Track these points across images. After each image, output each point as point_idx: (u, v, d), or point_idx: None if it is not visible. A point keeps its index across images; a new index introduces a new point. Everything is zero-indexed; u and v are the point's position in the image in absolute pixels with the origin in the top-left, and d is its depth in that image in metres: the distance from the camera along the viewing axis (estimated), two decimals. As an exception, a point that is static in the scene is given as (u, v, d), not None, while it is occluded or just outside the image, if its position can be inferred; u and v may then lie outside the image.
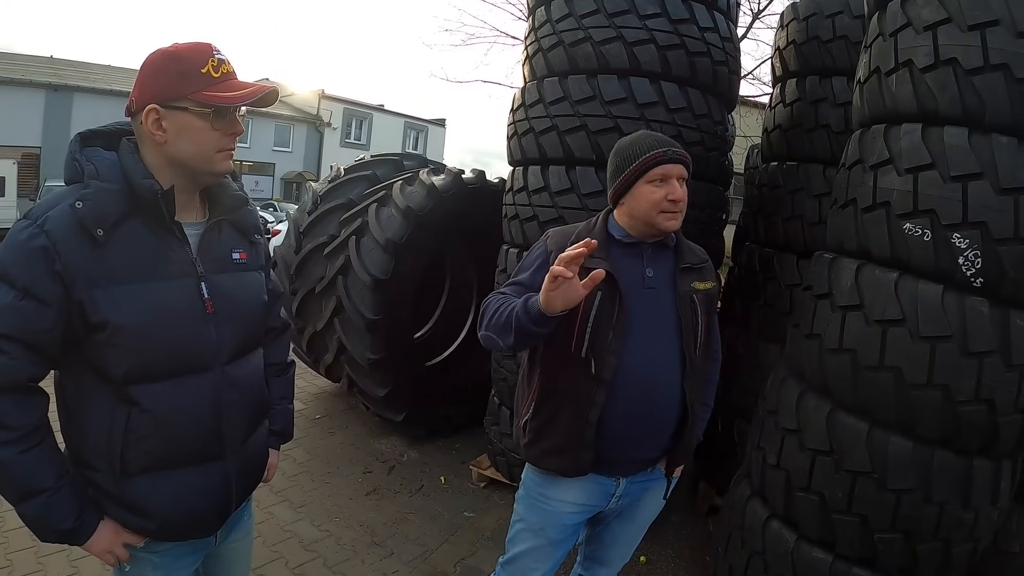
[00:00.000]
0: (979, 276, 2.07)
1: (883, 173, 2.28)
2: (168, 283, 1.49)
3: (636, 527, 2.32)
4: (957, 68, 2.09)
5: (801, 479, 2.48)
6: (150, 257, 1.47)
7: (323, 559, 3.38)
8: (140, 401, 1.46)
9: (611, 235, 2.07)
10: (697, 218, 3.48)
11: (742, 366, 3.91)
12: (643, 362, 1.97)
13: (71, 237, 1.37)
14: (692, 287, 2.06)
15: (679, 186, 1.98)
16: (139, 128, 1.48)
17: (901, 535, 2.27)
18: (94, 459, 1.50)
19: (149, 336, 1.45)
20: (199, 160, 1.51)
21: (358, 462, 4.63)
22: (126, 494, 1.51)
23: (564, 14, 3.48)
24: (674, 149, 2.00)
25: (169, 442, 1.52)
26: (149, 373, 1.47)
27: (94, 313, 1.38)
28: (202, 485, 1.61)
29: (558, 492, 2.14)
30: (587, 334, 1.93)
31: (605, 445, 2.01)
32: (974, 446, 2.19)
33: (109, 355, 1.43)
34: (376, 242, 4.43)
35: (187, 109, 1.45)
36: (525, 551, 2.23)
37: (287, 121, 30.67)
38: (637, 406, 1.99)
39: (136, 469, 1.50)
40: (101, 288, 1.39)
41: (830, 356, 2.40)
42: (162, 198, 1.45)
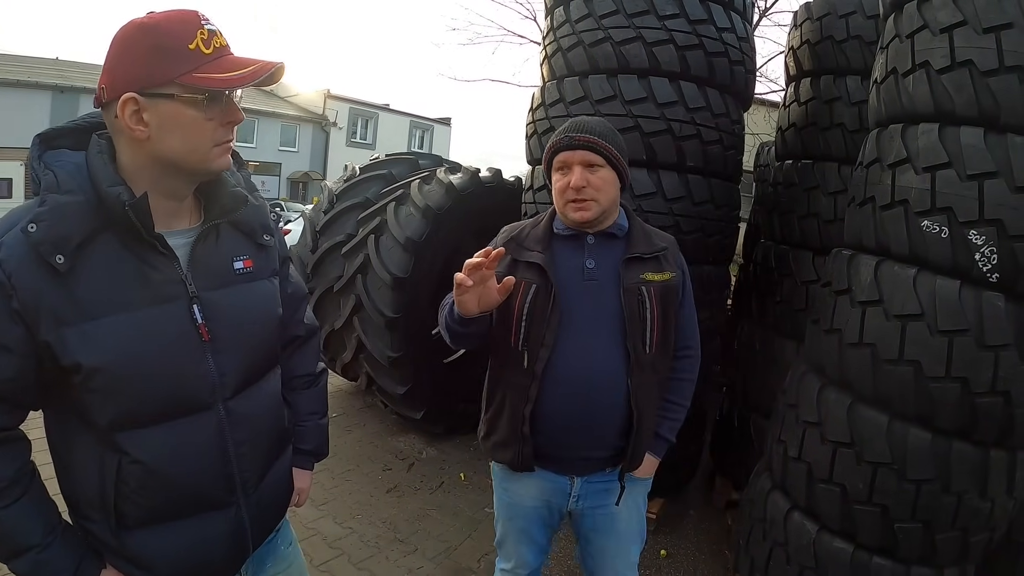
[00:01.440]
0: (995, 272, 2.11)
1: (901, 172, 2.33)
2: (151, 311, 1.24)
3: (621, 540, 2.20)
4: (973, 70, 2.13)
5: (822, 471, 2.51)
6: (126, 282, 1.22)
7: (348, 556, 3.42)
8: (129, 451, 1.25)
9: (554, 229, 2.03)
10: (716, 216, 3.56)
11: (758, 362, 3.96)
12: (578, 357, 1.91)
13: (26, 268, 1.13)
14: (641, 278, 1.94)
15: (579, 173, 1.88)
16: (113, 122, 1.21)
17: (920, 525, 2.31)
18: (88, 509, 1.31)
19: (132, 378, 1.22)
20: (192, 158, 1.24)
21: (377, 460, 4.69)
22: (125, 547, 1.31)
23: (584, 14, 3.52)
24: (573, 135, 1.90)
25: (168, 493, 1.32)
26: (136, 419, 1.25)
27: (64, 356, 1.16)
28: (210, 534, 1.41)
29: (517, 486, 2.15)
30: (522, 328, 1.93)
31: (542, 441, 1.98)
32: (991, 437, 2.23)
33: (89, 401, 1.21)
34: (396, 240, 4.48)
35: (174, 96, 1.18)
36: (505, 535, 2.27)
37: (293, 121, 30.75)
38: (571, 402, 1.92)
39: (133, 522, 1.30)
40: (69, 326, 1.16)
41: (850, 350, 2.44)
42: (131, 209, 1.18)
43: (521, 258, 1.96)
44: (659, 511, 3.85)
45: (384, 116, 35.20)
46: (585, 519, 2.17)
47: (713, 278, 3.70)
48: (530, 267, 1.94)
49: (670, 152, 3.40)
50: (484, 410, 2.13)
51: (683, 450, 3.89)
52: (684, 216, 3.43)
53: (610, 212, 1.98)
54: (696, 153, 3.44)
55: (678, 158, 3.42)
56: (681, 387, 2.18)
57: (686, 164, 3.45)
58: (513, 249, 1.98)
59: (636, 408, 1.94)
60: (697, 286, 3.49)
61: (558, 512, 2.16)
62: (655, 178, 3.41)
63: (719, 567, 3.55)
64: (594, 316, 1.93)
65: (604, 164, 1.90)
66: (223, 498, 1.41)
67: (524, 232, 2.06)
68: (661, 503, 3.91)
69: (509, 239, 2.03)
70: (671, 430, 2.16)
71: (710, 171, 3.55)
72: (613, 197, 1.95)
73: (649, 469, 2.14)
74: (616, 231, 2.01)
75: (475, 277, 1.66)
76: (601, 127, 1.94)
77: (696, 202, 3.46)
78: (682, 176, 3.46)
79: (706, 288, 3.61)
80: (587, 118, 2.02)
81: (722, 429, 4.44)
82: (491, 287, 1.71)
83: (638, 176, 3.40)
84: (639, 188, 3.39)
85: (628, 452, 1.99)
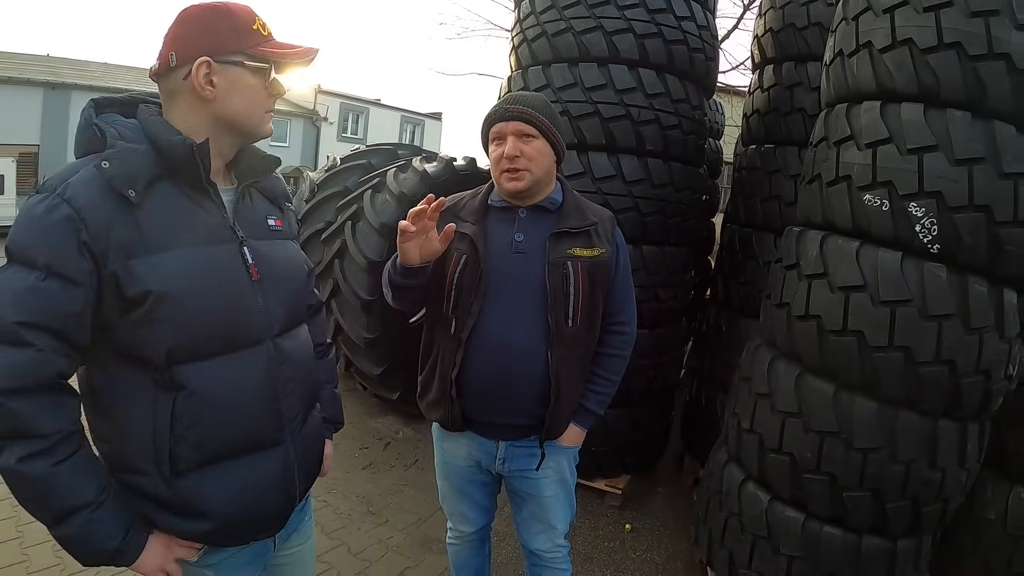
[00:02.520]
0: (936, 243, 2.18)
1: (845, 149, 2.41)
2: (210, 248, 1.36)
3: (545, 507, 2.22)
4: (913, 48, 2.20)
5: (773, 441, 2.58)
6: (187, 221, 1.34)
7: (321, 526, 3.49)
8: (187, 383, 1.30)
9: (489, 201, 2.07)
10: (675, 198, 3.64)
11: (723, 343, 4.04)
12: (500, 327, 1.96)
13: (98, 202, 1.21)
14: (568, 253, 1.97)
15: (512, 143, 1.91)
16: (178, 85, 1.34)
17: (869, 493, 2.38)
18: (138, 461, 1.31)
19: (195, 306, 1.30)
20: (249, 119, 1.42)
21: (355, 439, 4.76)
22: (179, 495, 1.33)
23: (547, 6, 3.62)
24: (508, 106, 1.94)
25: (223, 429, 1.37)
26: (195, 351, 1.32)
27: (131, 286, 1.22)
28: (263, 476, 1.45)
29: (450, 445, 2.21)
30: (452, 295, 1.97)
31: (468, 406, 2.03)
32: (938, 407, 2.30)
33: (149, 333, 1.26)
34: (371, 226, 4.57)
35: (242, 64, 1.37)
36: (445, 491, 2.35)
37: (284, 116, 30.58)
38: (492, 370, 1.97)
39: (188, 465, 1.33)
40: (137, 257, 1.24)
41: (798, 323, 2.52)
42: (198, 152, 1.32)
43: (458, 230, 2.00)
44: (625, 487, 3.94)
45: (375, 111, 35.05)
46: (512, 482, 2.22)
47: (676, 258, 3.77)
48: (463, 238, 1.98)
49: (629, 137, 3.49)
50: (420, 370, 2.17)
51: (651, 429, 3.98)
52: (643, 198, 3.53)
53: (544, 184, 2.02)
54: (655, 137, 3.53)
55: (637, 142, 3.51)
56: (610, 362, 2.18)
57: (645, 148, 3.54)
58: (449, 219, 2.00)
59: (555, 379, 1.98)
60: (660, 267, 3.59)
61: (489, 472, 2.20)
62: (615, 162, 3.51)
63: (683, 542, 3.63)
64: (519, 288, 1.97)
65: (537, 135, 1.93)
66: (274, 436, 1.47)
67: (461, 203, 2.11)
68: (628, 480, 3.99)
69: (446, 209, 2.06)
70: (599, 404, 2.18)
71: (670, 155, 3.63)
72: (546, 167, 1.98)
73: (574, 439, 2.16)
74: (548, 205, 2.04)
75: (418, 225, 1.75)
76: (535, 100, 1.98)
77: (656, 184, 3.55)
78: (641, 160, 3.55)
79: (670, 269, 3.70)
80: (523, 92, 2.08)
81: (690, 409, 4.52)
82: (432, 237, 1.79)
83: (598, 160, 3.51)
84: (599, 171, 3.49)
85: (550, 420, 2.02)
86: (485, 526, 2.42)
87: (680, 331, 4.09)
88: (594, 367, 2.15)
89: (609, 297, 2.10)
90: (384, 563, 3.25)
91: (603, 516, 3.85)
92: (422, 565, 3.25)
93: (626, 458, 3.94)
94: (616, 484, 3.93)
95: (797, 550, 2.53)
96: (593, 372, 2.15)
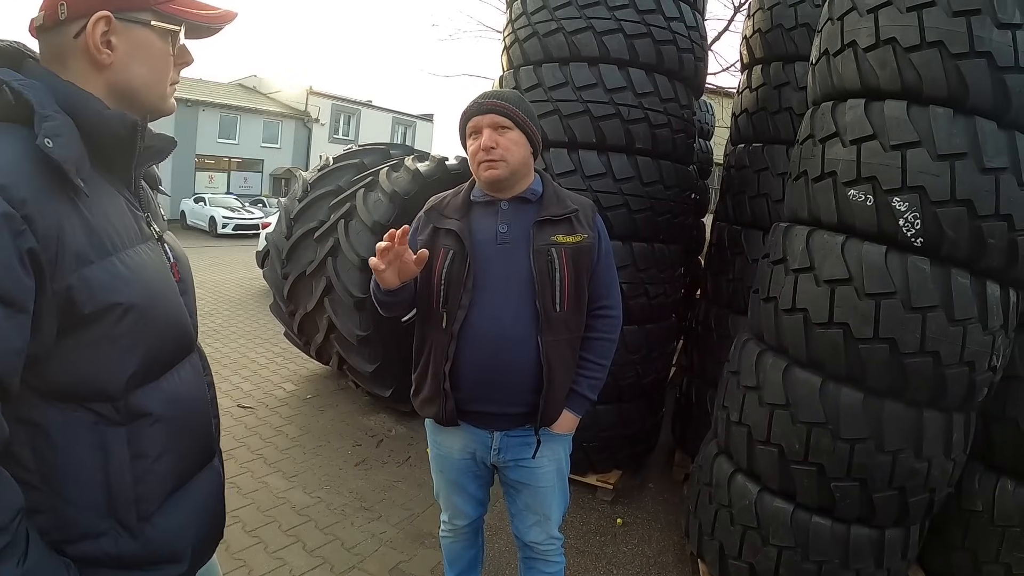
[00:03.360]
0: (919, 236, 2.23)
1: (830, 145, 2.46)
2: (147, 247, 1.17)
3: (539, 496, 2.25)
4: (896, 47, 2.26)
5: (761, 433, 2.62)
6: (124, 215, 1.13)
7: (315, 522, 3.53)
8: (150, 409, 1.12)
9: (471, 197, 2.13)
10: (664, 195, 3.68)
11: (713, 339, 4.08)
12: (490, 317, 2.00)
13: (44, 193, 0.95)
14: (551, 240, 2.02)
15: (488, 134, 1.98)
16: (66, 44, 1.09)
17: (857, 483, 2.42)
18: (91, 524, 1.08)
19: (157, 316, 1.13)
20: (152, 91, 1.17)
21: (348, 436, 4.79)
22: (148, 544, 1.14)
23: (539, 6, 3.66)
24: (482, 100, 2.01)
25: (184, 450, 1.23)
26: (151, 369, 1.14)
27: (91, 299, 1.00)
28: (210, 490, 1.34)
29: (444, 439, 2.24)
30: (442, 291, 2.02)
31: (462, 397, 2.07)
32: (923, 398, 2.34)
33: (107, 356, 1.05)
34: (364, 224, 4.61)
35: (149, 24, 1.12)
36: (440, 486, 2.39)
37: (275, 117, 30.60)
38: (485, 359, 2.01)
39: (155, 505, 1.16)
40: (93, 263, 1.01)
41: (785, 316, 2.56)
42: (141, 132, 1.13)
43: (441, 225, 2.06)
44: (617, 482, 3.97)
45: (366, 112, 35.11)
46: (507, 472, 2.24)
47: (665, 255, 3.81)
48: (448, 234, 2.04)
49: (619, 135, 3.53)
50: (413, 368, 2.21)
51: (641, 424, 4.02)
52: (633, 196, 3.56)
53: (522, 175, 2.08)
54: (644, 136, 3.57)
55: (627, 141, 3.55)
56: (599, 346, 2.21)
57: (635, 146, 3.58)
58: (434, 218, 2.10)
59: (547, 364, 2.01)
60: (649, 263, 3.63)
61: (483, 464, 2.24)
62: (605, 160, 3.55)
63: (674, 535, 3.66)
64: (506, 277, 2.02)
65: (512, 126, 2.00)
66: (212, 445, 1.36)
67: (445, 201, 2.16)
68: (619, 475, 4.03)
69: (431, 208, 2.15)
70: (591, 388, 2.20)
71: (658, 153, 3.68)
72: (522, 157, 2.03)
73: (568, 425, 2.19)
74: (529, 196, 2.09)
75: (387, 258, 1.79)
76: (509, 94, 2.04)
77: (645, 182, 3.59)
78: (631, 158, 3.59)
79: (659, 265, 3.74)
80: (498, 88, 2.13)
81: (680, 405, 4.56)
82: (407, 260, 1.83)
83: (588, 158, 3.54)
84: (589, 169, 3.53)
85: (544, 406, 2.05)
86: (478, 519, 2.46)
87: (670, 327, 4.12)
88: (583, 352, 2.18)
89: (593, 282, 2.14)
90: (377, 557, 3.27)
91: (595, 510, 3.89)
92: (415, 559, 3.28)
93: (617, 453, 3.97)
94: (607, 479, 3.96)
95: (786, 540, 2.56)
96: (582, 357, 2.18)
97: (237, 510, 3.58)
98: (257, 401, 5.41)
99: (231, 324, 8.30)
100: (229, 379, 5.95)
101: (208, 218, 22.50)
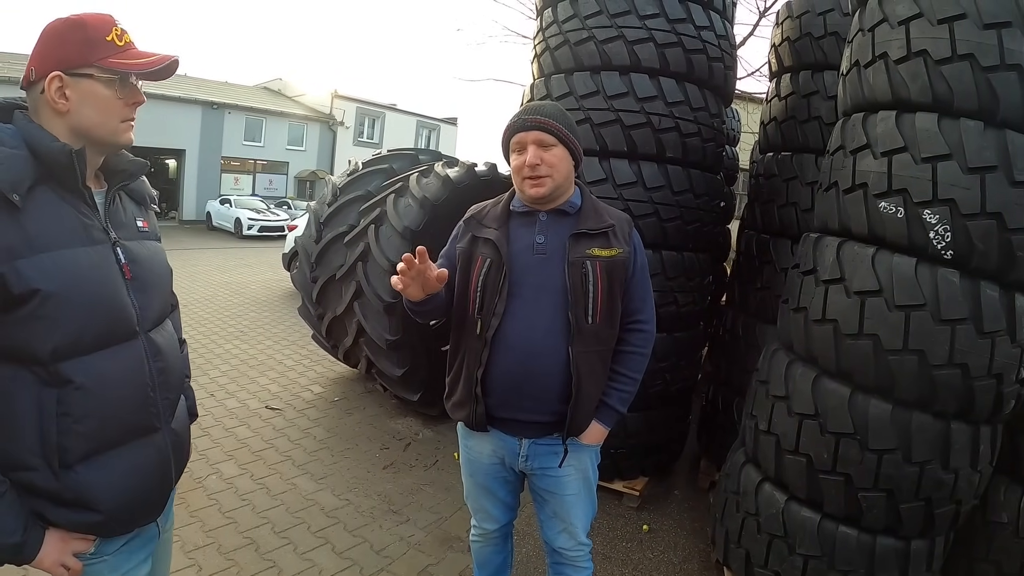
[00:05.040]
0: (949, 249, 2.24)
1: (861, 157, 2.47)
2: (87, 249, 1.42)
3: (566, 505, 2.27)
4: (927, 59, 2.27)
5: (789, 442, 2.63)
6: (66, 223, 1.40)
7: (343, 524, 3.58)
8: (73, 378, 1.37)
9: (511, 207, 2.18)
10: (694, 204, 3.70)
11: (740, 348, 4.09)
12: (523, 325, 2.04)
13: None
14: (587, 253, 2.05)
15: (533, 151, 2.02)
16: (38, 98, 1.41)
17: (884, 494, 2.42)
18: (24, 456, 1.36)
19: (79, 304, 1.37)
20: (103, 129, 1.46)
21: (375, 439, 4.85)
22: (68, 488, 1.39)
23: (570, 15, 3.69)
24: (527, 117, 2.05)
25: (109, 419, 1.44)
26: (79, 346, 1.38)
27: (18, 284, 1.28)
28: (144, 463, 1.54)
29: (474, 443, 2.29)
30: (478, 297, 2.08)
31: (493, 403, 2.11)
32: (951, 409, 2.34)
33: (34, 331, 1.32)
34: (394, 230, 4.67)
35: (92, 76, 1.41)
36: (470, 489, 2.42)
37: (300, 120, 30.85)
38: (515, 367, 2.05)
39: (76, 457, 1.39)
40: (24, 258, 1.29)
41: (815, 326, 2.57)
42: (76, 157, 1.38)
43: (479, 234, 2.13)
44: (643, 489, 3.99)
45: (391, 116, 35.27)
46: (535, 480, 2.27)
47: (694, 264, 3.83)
48: (486, 243, 2.10)
49: (650, 144, 3.56)
50: (447, 373, 2.26)
51: (668, 432, 4.04)
52: (663, 204, 3.59)
53: (564, 189, 2.11)
54: (675, 144, 3.60)
55: (657, 149, 3.58)
56: (631, 359, 2.22)
57: (665, 155, 3.60)
58: (473, 226, 2.17)
59: (575, 374, 2.04)
60: (679, 272, 3.65)
61: (512, 470, 2.27)
62: (635, 168, 3.57)
63: (700, 543, 3.68)
64: (540, 287, 2.06)
65: (556, 143, 2.04)
66: (151, 423, 1.55)
67: (484, 211, 2.23)
68: (645, 482, 4.05)
69: (471, 217, 2.22)
70: (621, 401, 2.22)
71: (689, 162, 3.70)
72: (566, 173, 2.08)
73: (596, 436, 2.21)
74: (568, 208, 2.13)
75: (408, 278, 1.85)
76: (553, 109, 2.07)
77: (675, 191, 3.61)
78: (661, 166, 3.61)
79: (688, 274, 3.76)
80: (541, 102, 2.17)
81: (707, 413, 4.56)
82: (429, 276, 1.88)
83: (619, 166, 3.57)
84: (620, 178, 3.56)
85: (572, 416, 2.08)
86: (508, 523, 2.49)
87: (698, 335, 4.14)
88: (615, 365, 2.21)
89: (627, 296, 2.16)
90: (406, 560, 3.31)
91: (621, 517, 3.91)
92: (444, 562, 3.31)
93: (644, 460, 3.99)
94: (634, 486, 3.99)
95: (813, 549, 2.57)
96: (614, 370, 2.21)
97: (267, 511, 3.65)
98: (285, 403, 5.49)
99: (258, 326, 8.40)
100: (257, 380, 6.04)
101: (234, 220, 22.71)
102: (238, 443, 4.60)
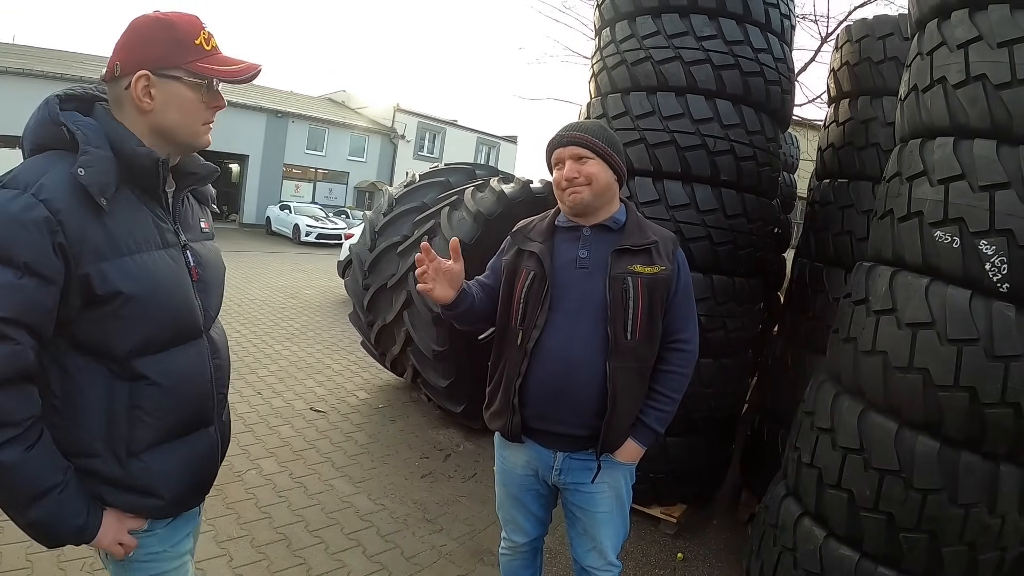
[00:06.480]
0: (1005, 282, 2.15)
1: (917, 184, 2.40)
2: (163, 252, 1.47)
3: (597, 523, 2.26)
4: (987, 83, 2.20)
5: (832, 476, 2.55)
6: (146, 227, 1.45)
7: (377, 528, 3.62)
8: (147, 374, 1.43)
9: (556, 222, 2.23)
10: (747, 229, 3.64)
11: (788, 377, 3.99)
12: (562, 338, 2.08)
13: (74, 207, 1.30)
14: (629, 269, 2.07)
15: (570, 165, 2.09)
16: (121, 94, 1.42)
17: (926, 535, 2.32)
18: (89, 444, 1.41)
19: (157, 306, 1.43)
20: (185, 131, 1.48)
21: (416, 448, 4.89)
22: (134, 475, 1.45)
23: (627, 35, 3.71)
24: (564, 133, 2.13)
25: (175, 412, 1.51)
26: (153, 345, 1.44)
27: (102, 286, 1.33)
28: (200, 452, 1.62)
29: (509, 453, 2.32)
30: (520, 308, 2.13)
31: (529, 414, 2.14)
32: (1001, 450, 2.23)
33: (112, 329, 1.37)
34: (447, 242, 4.67)
35: (180, 79, 1.42)
36: (502, 499, 2.44)
37: (362, 132, 31.47)
38: (552, 378, 2.08)
39: (142, 447, 1.45)
40: (108, 260, 1.34)
41: (864, 358, 2.50)
42: (162, 166, 1.44)
43: (525, 248, 2.19)
44: (680, 516, 3.92)
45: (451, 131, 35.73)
46: (567, 495, 2.28)
47: (745, 289, 3.77)
48: (531, 256, 2.16)
49: (704, 166, 3.54)
50: (488, 382, 2.31)
51: (711, 459, 3.96)
52: (716, 228, 3.55)
53: (606, 201, 2.15)
54: (729, 168, 3.56)
55: (712, 172, 3.55)
56: (670, 379, 2.21)
57: (719, 178, 3.57)
58: (519, 240, 2.24)
59: (611, 389, 2.05)
60: (729, 296, 3.60)
61: (545, 483, 2.29)
62: (689, 190, 3.55)
63: (734, 575, 3.59)
64: (582, 301, 2.09)
65: (593, 156, 2.09)
66: (209, 416, 1.64)
67: (531, 225, 2.29)
68: (684, 509, 3.97)
69: (517, 231, 2.30)
70: (659, 420, 2.20)
71: (743, 186, 3.65)
72: (605, 184, 2.11)
73: (631, 455, 2.19)
74: (612, 224, 2.17)
75: (429, 275, 1.99)
76: (592, 126, 2.15)
77: (729, 215, 3.57)
78: (715, 189, 3.58)
79: (739, 299, 3.70)
80: (583, 120, 2.25)
81: (751, 443, 4.47)
82: (448, 268, 2.02)
83: (673, 188, 3.55)
84: (674, 200, 3.54)
85: (606, 432, 2.09)
86: (538, 538, 2.48)
87: (745, 362, 4.07)
88: (653, 383, 2.20)
89: (669, 314, 2.17)
90: (436, 569, 3.32)
91: (656, 543, 3.84)
92: (473, 575, 3.31)
93: (684, 487, 3.93)
94: (672, 512, 3.92)
95: (850, 589, 2.47)
96: (652, 388, 2.20)
97: (302, 510, 3.71)
98: (329, 406, 5.57)
99: (309, 329, 8.56)
100: (304, 382, 6.15)
101: (292, 225, 23.28)
102: (280, 441, 4.70)
